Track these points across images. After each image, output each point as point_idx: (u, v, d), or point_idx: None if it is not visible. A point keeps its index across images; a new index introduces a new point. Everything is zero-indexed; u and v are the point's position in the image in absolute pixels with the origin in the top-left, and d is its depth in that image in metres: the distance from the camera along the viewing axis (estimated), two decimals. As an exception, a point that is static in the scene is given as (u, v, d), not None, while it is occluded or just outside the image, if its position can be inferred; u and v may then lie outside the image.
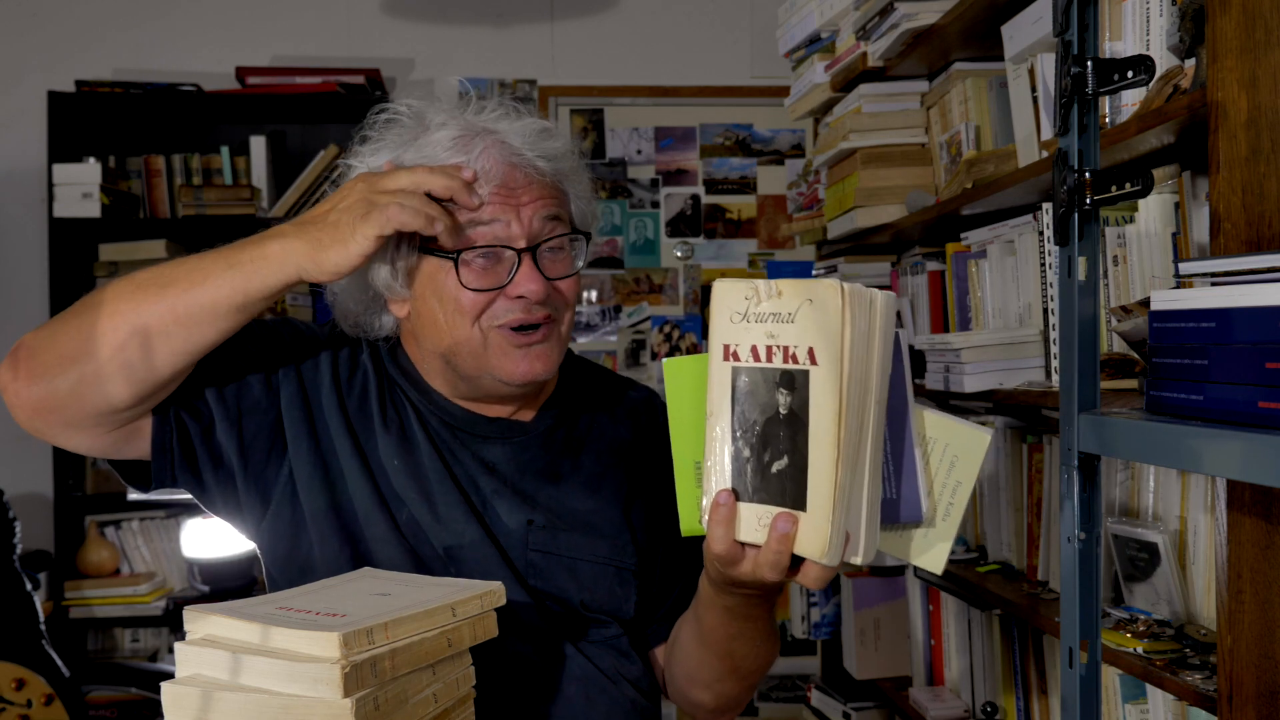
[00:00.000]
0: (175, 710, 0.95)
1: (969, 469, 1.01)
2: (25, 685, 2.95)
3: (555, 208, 1.25)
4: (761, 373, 0.98)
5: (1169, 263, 1.65)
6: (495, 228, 1.21)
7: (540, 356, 1.24)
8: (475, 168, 1.21)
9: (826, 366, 0.94)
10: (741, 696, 1.38)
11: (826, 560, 0.95)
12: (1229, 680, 1.26)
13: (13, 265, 3.77)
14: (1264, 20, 1.21)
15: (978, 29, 2.20)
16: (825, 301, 0.94)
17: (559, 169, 1.27)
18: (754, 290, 0.99)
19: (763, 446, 0.98)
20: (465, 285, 1.21)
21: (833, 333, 0.93)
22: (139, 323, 1.11)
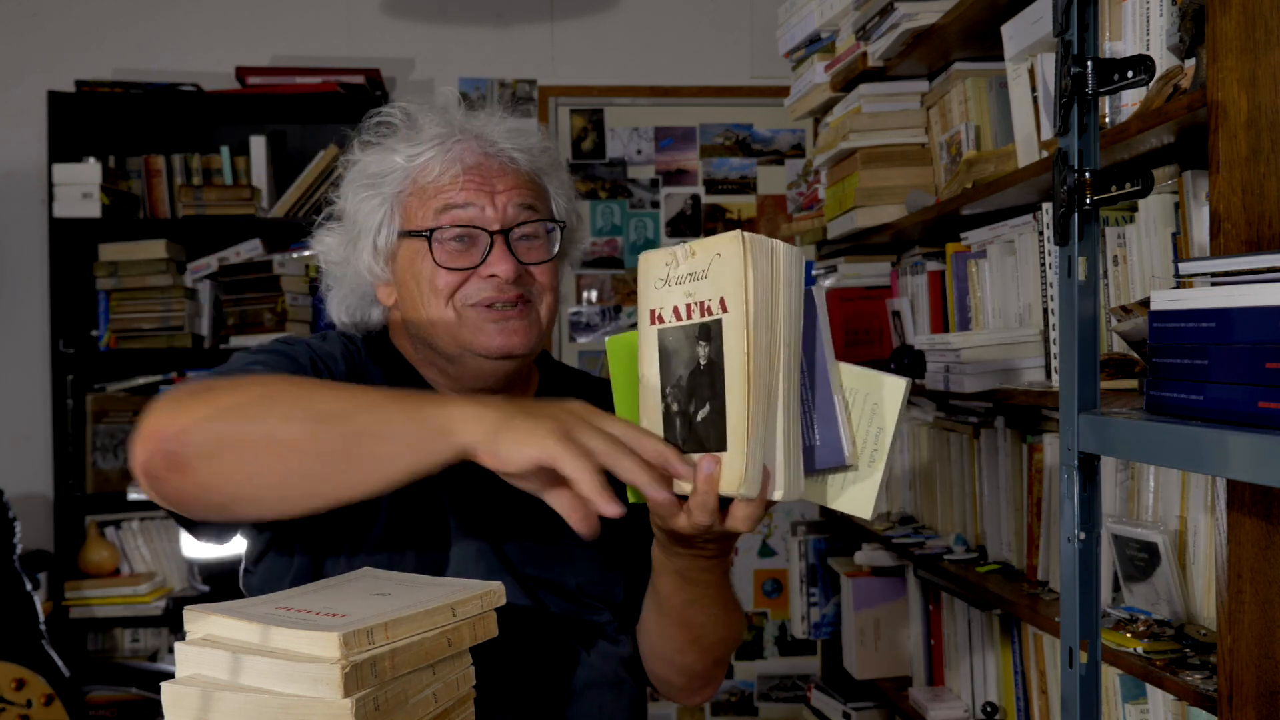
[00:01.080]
0: (175, 710, 0.95)
1: (890, 415, 1.04)
2: (25, 685, 2.95)
3: (530, 198, 1.31)
4: (683, 330, 1.03)
5: (1169, 263, 1.65)
6: (470, 211, 1.28)
7: (516, 331, 1.28)
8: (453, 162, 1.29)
9: (734, 310, 0.98)
10: (708, 672, 1.39)
11: (744, 491, 0.98)
12: (1229, 680, 1.26)
13: (13, 265, 3.77)
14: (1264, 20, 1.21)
15: (978, 29, 2.20)
16: (730, 252, 0.99)
17: (536, 164, 1.34)
18: (673, 256, 1.04)
19: (688, 399, 1.02)
20: (439, 264, 1.27)
21: (737, 279, 0.98)
22: (309, 469, 1.04)
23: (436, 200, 1.28)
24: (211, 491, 1.07)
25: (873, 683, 2.83)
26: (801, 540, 3.13)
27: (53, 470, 3.56)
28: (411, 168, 1.30)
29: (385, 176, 1.31)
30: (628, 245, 4.22)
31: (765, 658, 4.14)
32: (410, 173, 1.30)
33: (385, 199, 1.31)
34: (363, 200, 1.32)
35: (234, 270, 3.67)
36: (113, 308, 3.62)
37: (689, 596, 1.26)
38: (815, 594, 3.10)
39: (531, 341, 1.29)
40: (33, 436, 3.70)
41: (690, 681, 1.39)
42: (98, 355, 3.63)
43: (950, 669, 2.55)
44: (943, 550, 2.41)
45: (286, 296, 3.61)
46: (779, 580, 4.13)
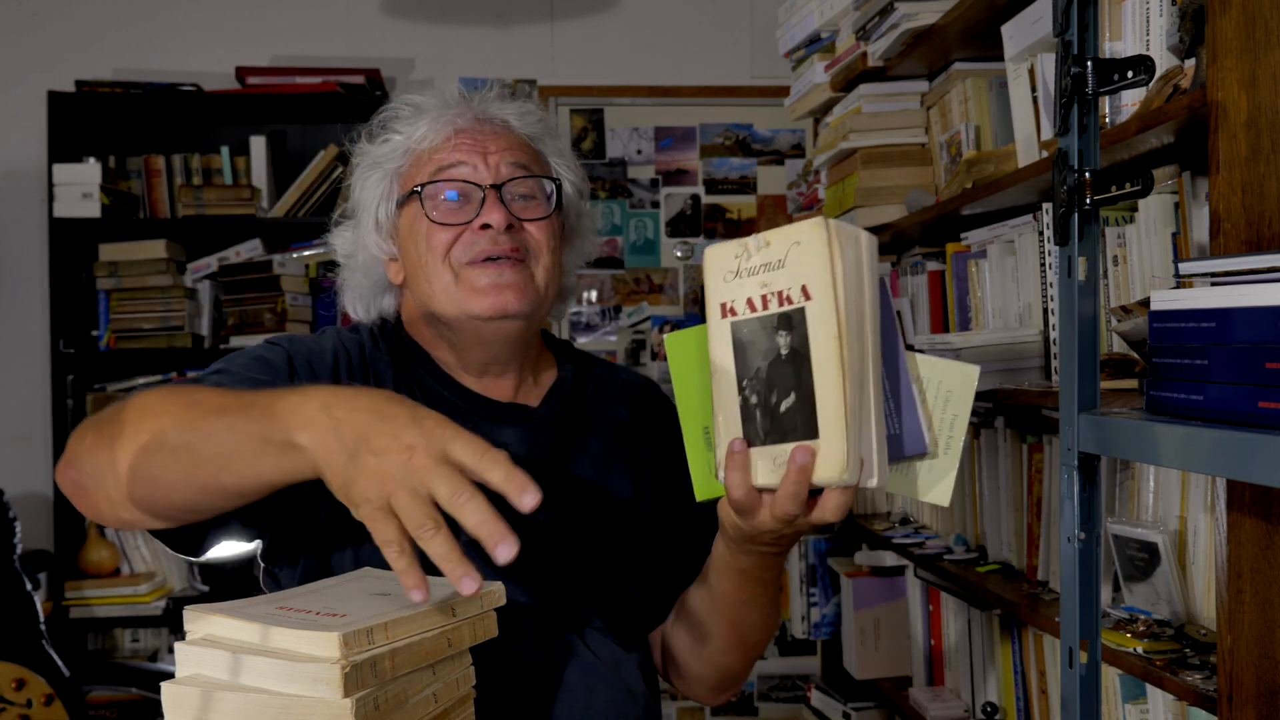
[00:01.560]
0: (175, 710, 0.95)
1: (963, 403, 1.04)
2: (25, 685, 2.95)
3: (524, 159, 1.32)
4: (759, 321, 1.01)
5: (1169, 263, 1.65)
6: (463, 169, 1.29)
7: (510, 287, 1.26)
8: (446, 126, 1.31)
9: (821, 297, 0.97)
10: (741, 673, 1.39)
11: (846, 477, 0.97)
12: (1229, 680, 1.26)
13: (13, 265, 3.77)
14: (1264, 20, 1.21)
15: (978, 29, 2.20)
16: (812, 239, 0.98)
17: (531, 131, 1.35)
18: (743, 248, 1.03)
19: (769, 390, 1.00)
20: (431, 219, 1.28)
21: (823, 266, 0.97)
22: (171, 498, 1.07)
23: (430, 164, 1.30)
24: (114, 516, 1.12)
25: (873, 683, 2.83)
26: (801, 540, 3.13)
27: (52, 470, 3.55)
28: (409, 141, 1.32)
29: (387, 156, 1.34)
30: (628, 245, 4.22)
31: (765, 658, 4.14)
32: (408, 146, 1.32)
33: (385, 174, 1.33)
34: (366, 180, 1.35)
35: (234, 270, 3.67)
36: (113, 308, 3.62)
37: (746, 596, 1.25)
38: (815, 594, 3.10)
39: (527, 302, 1.27)
40: (33, 436, 3.70)
41: (722, 680, 1.39)
42: (98, 355, 3.63)
43: (950, 669, 2.55)
44: (943, 550, 2.41)
45: (286, 296, 3.61)
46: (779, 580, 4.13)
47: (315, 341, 1.33)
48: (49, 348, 3.61)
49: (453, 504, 0.91)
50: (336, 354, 1.31)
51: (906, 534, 2.64)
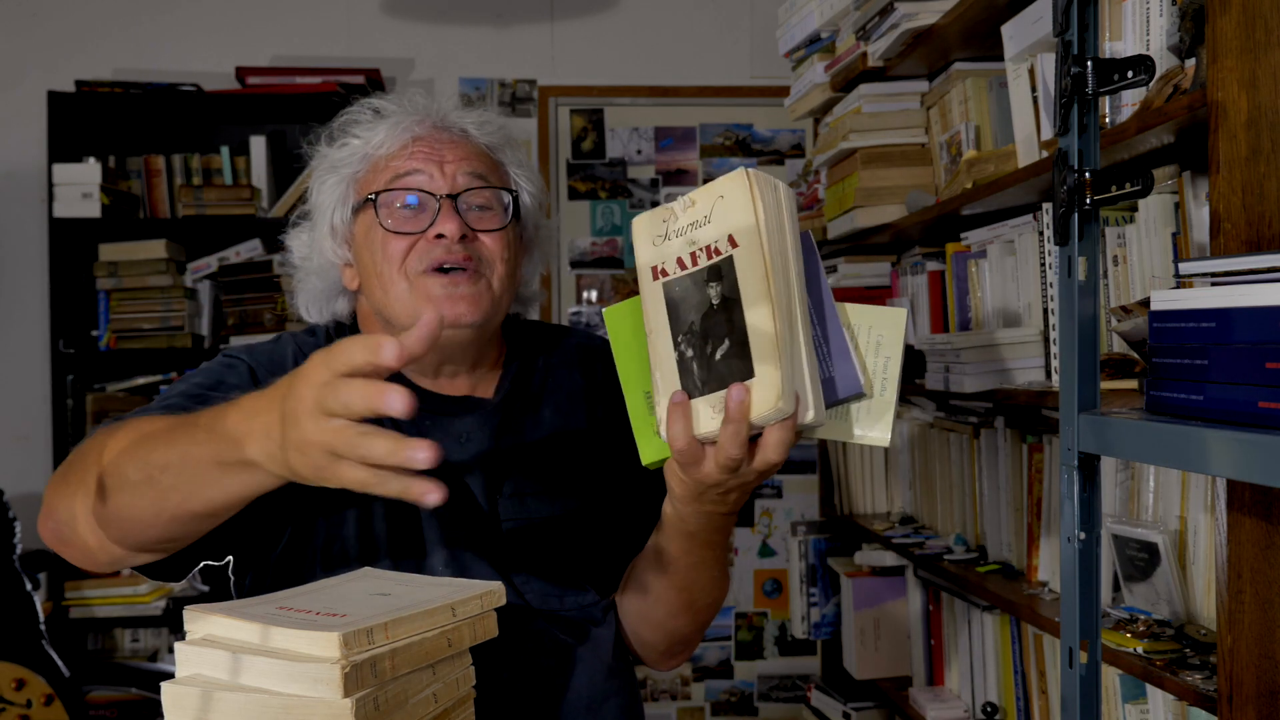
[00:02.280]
0: (175, 710, 0.95)
1: (894, 345, 1.07)
2: (25, 685, 2.95)
3: (482, 169, 1.32)
4: (690, 277, 1.04)
5: (1169, 263, 1.65)
6: (419, 178, 1.29)
7: (465, 299, 1.27)
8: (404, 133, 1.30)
9: (747, 242, 1.00)
10: (692, 636, 1.40)
11: (782, 406, 0.98)
12: (1229, 680, 1.26)
13: (13, 265, 3.77)
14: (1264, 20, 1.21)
15: (978, 29, 2.20)
16: (734, 189, 1.01)
17: (490, 140, 1.35)
18: (670, 211, 1.06)
19: (704, 341, 1.02)
20: (386, 229, 1.28)
21: (746, 212, 1.00)
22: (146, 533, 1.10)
23: (387, 171, 1.30)
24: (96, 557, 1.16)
25: (873, 683, 2.83)
26: (801, 540, 3.13)
27: (53, 470, 3.55)
28: (367, 148, 1.32)
29: (345, 160, 1.34)
30: (628, 245, 4.22)
31: (765, 658, 4.14)
32: (366, 151, 1.32)
33: (342, 179, 1.33)
34: (323, 184, 1.35)
35: (234, 270, 3.68)
36: (113, 308, 3.62)
37: (695, 559, 1.26)
38: (815, 594, 3.10)
39: (482, 311, 1.28)
40: (33, 436, 3.70)
41: (672, 645, 1.39)
42: (98, 355, 3.63)
43: (950, 669, 2.55)
44: (943, 550, 2.41)
45: (286, 296, 3.61)
46: (779, 580, 4.13)
47: (273, 350, 1.34)
48: (49, 348, 3.61)
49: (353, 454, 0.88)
50: (296, 360, 1.31)
51: (906, 534, 2.64)
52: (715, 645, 4.13)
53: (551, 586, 1.31)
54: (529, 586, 1.30)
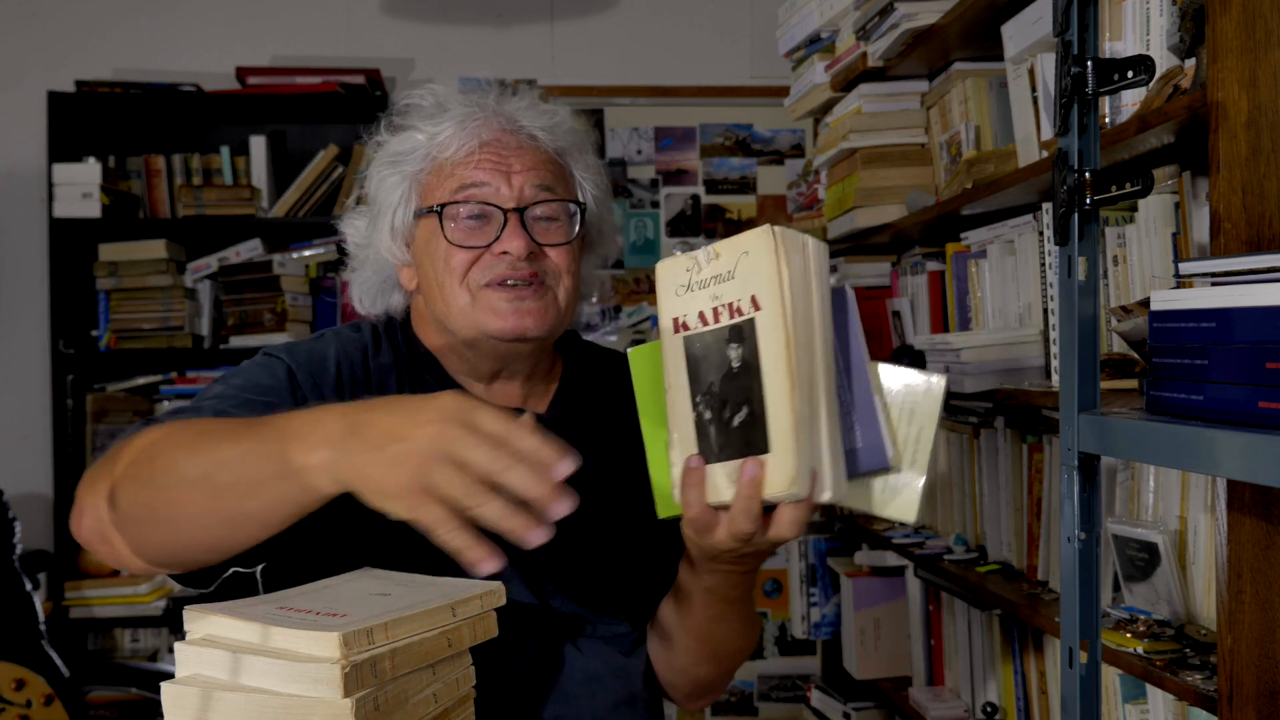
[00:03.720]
0: (175, 710, 0.95)
1: (929, 416, 1.02)
2: (25, 685, 2.95)
3: (549, 179, 1.28)
4: (712, 334, 1.00)
5: (1169, 263, 1.65)
6: (485, 190, 1.25)
7: (530, 313, 1.24)
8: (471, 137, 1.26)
9: (769, 306, 0.96)
10: (717, 682, 1.37)
11: (796, 490, 0.95)
12: (1229, 680, 1.26)
13: (13, 265, 3.77)
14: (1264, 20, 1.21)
15: (978, 29, 2.20)
16: (759, 248, 0.96)
17: (559, 144, 1.31)
18: (694, 260, 1.01)
19: (722, 405, 0.99)
20: (451, 241, 1.24)
21: (770, 274, 0.96)
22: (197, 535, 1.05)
23: (453, 179, 1.25)
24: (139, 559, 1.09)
25: (873, 683, 2.83)
26: (801, 540, 3.13)
27: (53, 470, 3.55)
28: (431, 145, 1.28)
29: (407, 155, 1.29)
30: (628, 245, 4.22)
31: (765, 658, 4.14)
32: (430, 150, 1.28)
33: (405, 177, 1.29)
34: (384, 179, 1.30)
35: (234, 270, 3.67)
36: (113, 308, 3.62)
37: (714, 613, 1.24)
38: (815, 594, 3.10)
39: (547, 324, 1.25)
40: (33, 436, 3.70)
41: (697, 689, 1.37)
42: (98, 355, 3.63)
43: (950, 669, 2.55)
44: (943, 550, 2.41)
45: (286, 296, 3.61)
46: (779, 580, 4.13)
47: (314, 349, 1.29)
48: (49, 348, 3.61)
49: (494, 469, 0.88)
50: (339, 362, 1.28)
51: (906, 534, 2.64)
52: (715, 645, 4.13)
53: (585, 611, 1.29)
54: (564, 609, 1.28)
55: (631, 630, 1.32)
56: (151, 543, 1.07)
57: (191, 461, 1.02)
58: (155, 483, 1.03)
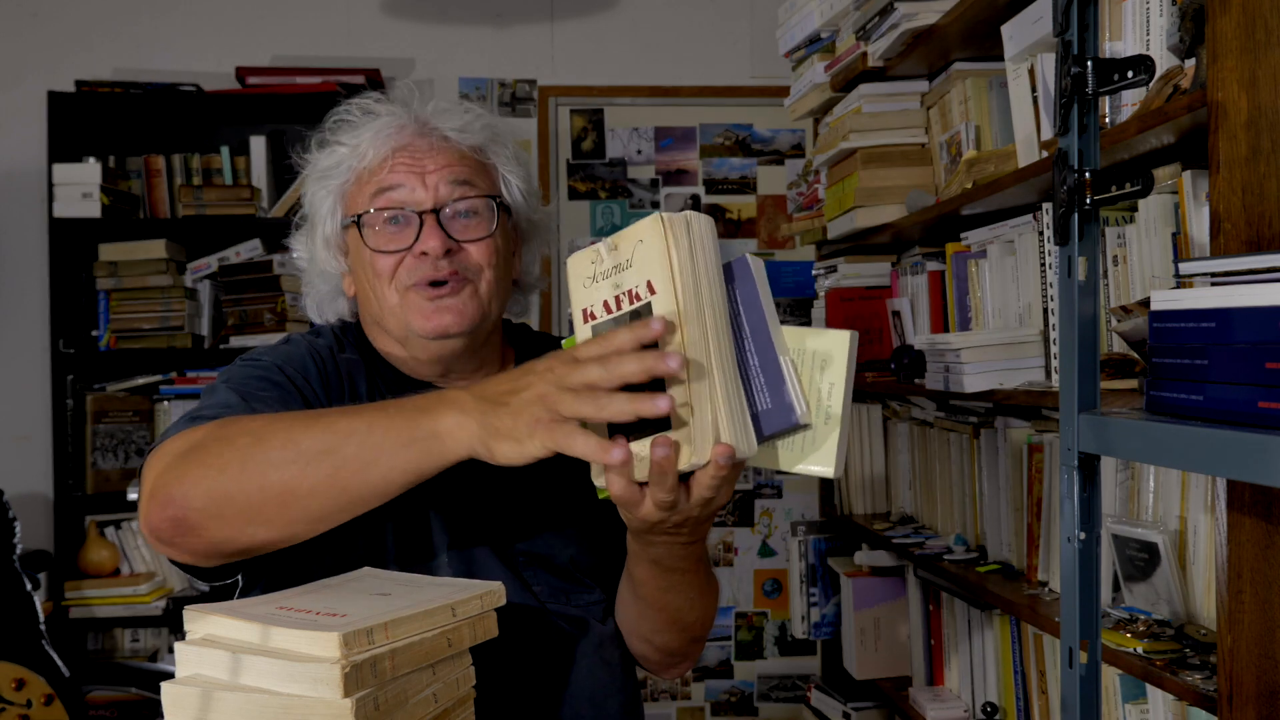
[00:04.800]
0: (175, 710, 0.95)
1: (839, 369, 1.04)
2: (25, 685, 2.95)
3: (466, 174, 1.31)
4: (614, 322, 1.04)
5: (1169, 263, 1.65)
6: (400, 193, 1.29)
7: (450, 309, 1.29)
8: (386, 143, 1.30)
9: (662, 290, 1.00)
10: (686, 649, 1.39)
11: (696, 460, 0.98)
12: (1229, 680, 1.26)
13: (13, 265, 3.77)
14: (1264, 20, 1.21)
15: (978, 29, 2.20)
16: (650, 235, 1.01)
17: (476, 141, 1.34)
18: (597, 253, 1.06)
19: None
20: (371, 247, 1.29)
21: (662, 258, 1.00)
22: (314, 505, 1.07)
23: (370, 185, 1.31)
24: (223, 545, 1.11)
25: (873, 683, 2.83)
26: (801, 540, 3.13)
27: (53, 470, 3.55)
28: (352, 157, 1.33)
29: (333, 170, 1.34)
30: (628, 245, 4.22)
31: (765, 658, 4.15)
32: (351, 162, 1.33)
33: (330, 191, 1.34)
34: (315, 194, 1.36)
35: (234, 270, 3.67)
36: (113, 308, 3.62)
37: (665, 583, 1.26)
38: (815, 594, 3.10)
39: (469, 320, 1.29)
40: (33, 436, 3.70)
41: (667, 658, 1.39)
42: (98, 355, 3.63)
43: (950, 669, 2.55)
44: (943, 550, 2.41)
45: (286, 296, 3.61)
46: (779, 580, 4.13)
47: (288, 351, 1.33)
48: (49, 348, 3.61)
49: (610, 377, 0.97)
50: (313, 359, 1.32)
51: (906, 534, 2.64)
52: (715, 645, 4.13)
53: (559, 583, 1.32)
54: (537, 583, 1.31)
55: (603, 598, 1.35)
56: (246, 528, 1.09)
57: (312, 435, 1.06)
58: (270, 461, 1.06)
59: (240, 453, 1.08)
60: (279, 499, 1.07)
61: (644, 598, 1.29)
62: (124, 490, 3.54)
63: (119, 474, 3.62)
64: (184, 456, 1.11)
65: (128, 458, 3.66)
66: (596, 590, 1.35)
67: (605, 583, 1.36)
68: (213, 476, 1.08)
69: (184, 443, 1.12)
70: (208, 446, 1.10)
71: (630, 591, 1.32)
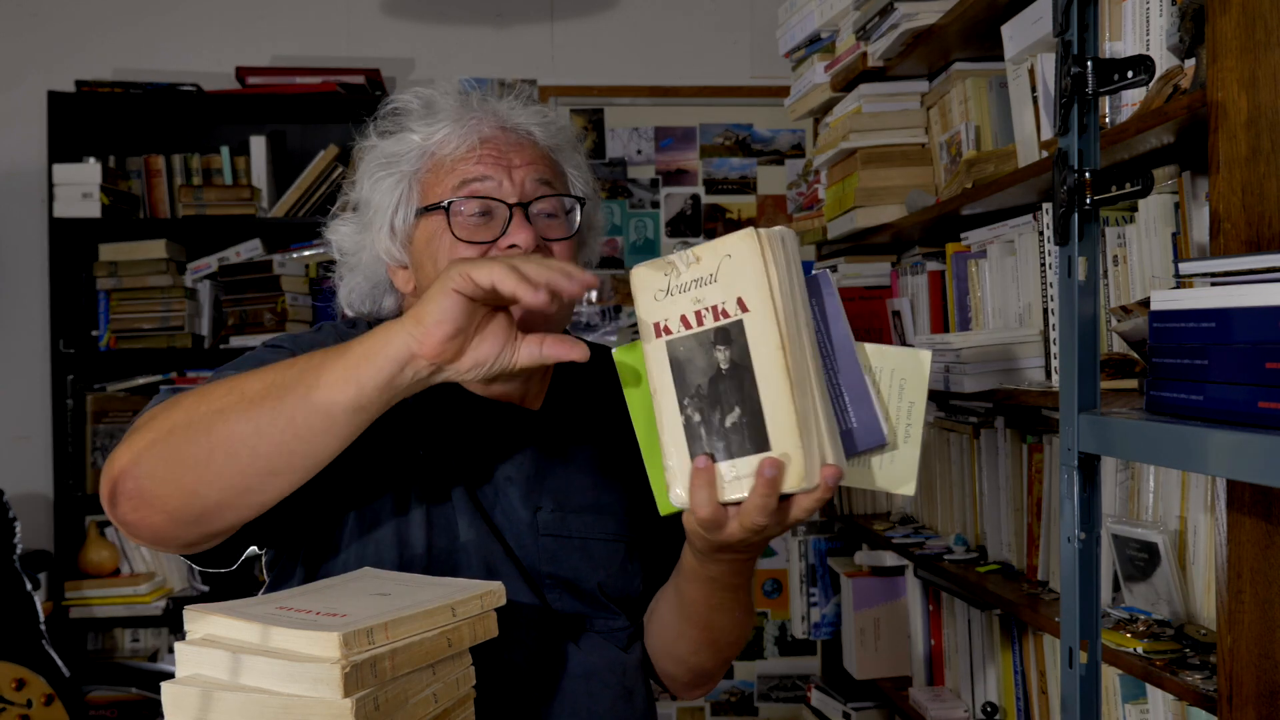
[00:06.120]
0: (175, 710, 0.95)
1: (918, 388, 1.05)
2: (25, 685, 2.95)
3: (548, 173, 1.29)
4: (695, 338, 1.01)
5: (1169, 263, 1.65)
6: (488, 184, 1.26)
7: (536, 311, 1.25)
8: (470, 134, 1.27)
9: (758, 308, 0.98)
10: (716, 671, 1.38)
11: (806, 485, 0.97)
12: (1229, 680, 1.26)
13: (13, 265, 3.77)
14: (1264, 20, 1.21)
15: (978, 29, 2.20)
16: (743, 250, 0.99)
17: (553, 141, 1.32)
18: (670, 265, 1.03)
19: (713, 407, 1.00)
20: (458, 237, 1.24)
21: (758, 277, 0.98)
22: (261, 446, 1.04)
23: (454, 175, 1.26)
24: (180, 512, 1.08)
25: (873, 683, 2.83)
26: (801, 540, 3.13)
27: (53, 470, 3.55)
28: (428, 145, 1.28)
29: (402, 156, 1.29)
30: (628, 245, 4.22)
31: (765, 658, 4.14)
32: (427, 149, 1.28)
33: (402, 177, 1.29)
34: (379, 181, 1.30)
35: (234, 270, 3.68)
36: (113, 308, 3.62)
37: (716, 601, 1.24)
38: (815, 594, 3.10)
39: (552, 321, 1.25)
40: (33, 436, 3.70)
41: (696, 679, 1.38)
42: (98, 355, 3.63)
43: (950, 669, 2.55)
44: (943, 550, 2.41)
45: (286, 296, 3.61)
46: (779, 580, 4.13)
47: (315, 339, 1.30)
48: (49, 348, 3.61)
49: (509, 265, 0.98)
50: None
51: (906, 534, 2.64)
52: (715, 645, 4.13)
53: (583, 605, 1.29)
54: (561, 604, 1.28)
55: (628, 625, 1.33)
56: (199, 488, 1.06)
57: (255, 378, 1.05)
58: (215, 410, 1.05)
59: (185, 412, 1.06)
60: (226, 447, 1.04)
61: (691, 618, 1.28)
62: (124, 490, 3.54)
63: (119, 474, 3.62)
64: (135, 430, 1.09)
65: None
66: (622, 617, 1.32)
67: (632, 611, 1.34)
68: (162, 440, 1.06)
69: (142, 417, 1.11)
70: (156, 416, 1.08)
71: (675, 612, 1.30)
